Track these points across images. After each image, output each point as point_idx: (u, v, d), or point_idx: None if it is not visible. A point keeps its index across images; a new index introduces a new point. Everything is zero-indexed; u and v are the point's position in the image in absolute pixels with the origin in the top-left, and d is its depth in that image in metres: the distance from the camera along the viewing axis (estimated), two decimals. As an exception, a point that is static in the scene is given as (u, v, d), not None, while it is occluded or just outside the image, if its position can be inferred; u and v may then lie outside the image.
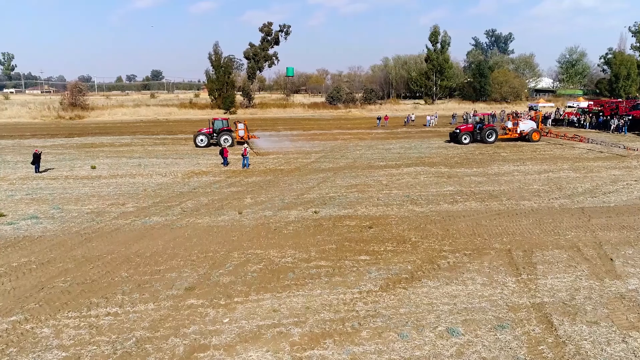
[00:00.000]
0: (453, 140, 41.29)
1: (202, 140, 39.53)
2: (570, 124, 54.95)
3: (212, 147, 38.59)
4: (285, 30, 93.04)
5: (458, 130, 41.13)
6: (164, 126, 60.94)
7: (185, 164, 31.31)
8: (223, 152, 30.10)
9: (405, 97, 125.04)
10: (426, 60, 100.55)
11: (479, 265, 13.78)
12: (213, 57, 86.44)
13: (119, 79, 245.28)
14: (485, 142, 40.37)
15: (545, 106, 78.89)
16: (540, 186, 24.03)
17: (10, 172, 28.84)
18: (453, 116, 61.29)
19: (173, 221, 18.44)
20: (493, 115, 60.95)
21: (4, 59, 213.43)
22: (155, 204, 21.08)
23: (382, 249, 15.13)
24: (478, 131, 41.01)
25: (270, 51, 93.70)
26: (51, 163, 31.87)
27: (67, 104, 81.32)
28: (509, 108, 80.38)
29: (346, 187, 24.21)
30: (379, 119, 58.95)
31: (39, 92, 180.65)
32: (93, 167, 29.84)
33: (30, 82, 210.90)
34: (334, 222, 18.04)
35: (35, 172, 27.98)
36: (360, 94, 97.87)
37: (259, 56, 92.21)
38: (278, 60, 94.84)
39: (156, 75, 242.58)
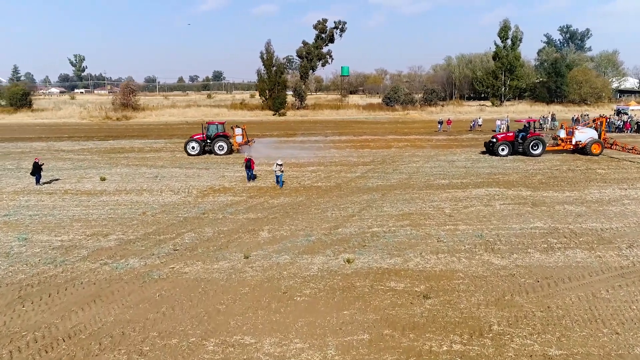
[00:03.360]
0: (488, 151, 34.16)
1: (193, 147, 34.61)
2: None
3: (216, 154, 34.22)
4: (340, 27, 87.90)
5: (494, 140, 33.90)
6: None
7: (208, 177, 26.63)
8: (250, 165, 25.08)
9: (469, 98, 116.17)
10: (494, 58, 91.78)
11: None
12: (265, 56, 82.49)
13: (180, 79, 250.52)
14: (529, 154, 32.91)
15: (634, 109, 68.34)
16: (671, 225, 17.14)
17: (10, 182, 25.36)
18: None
19: (152, 268, 13.50)
20: (576, 120, 52.60)
21: (75, 60, 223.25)
22: (145, 236, 16.31)
23: (444, 348, 9.32)
24: (520, 141, 33.57)
25: (325, 49, 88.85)
26: (62, 172, 28.28)
27: (118, 104, 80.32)
28: (591, 111, 70.63)
29: (396, 217, 18.41)
30: (440, 122, 52.22)
31: (107, 92, 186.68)
32: (102, 179, 25.81)
33: (99, 82, 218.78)
34: (372, 283, 12.36)
35: (36, 184, 24.22)
36: (420, 95, 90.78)
37: (312, 54, 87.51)
38: (332, 58, 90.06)
39: (217, 76, 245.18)
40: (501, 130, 45.65)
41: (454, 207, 19.71)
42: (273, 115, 76.35)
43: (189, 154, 34.26)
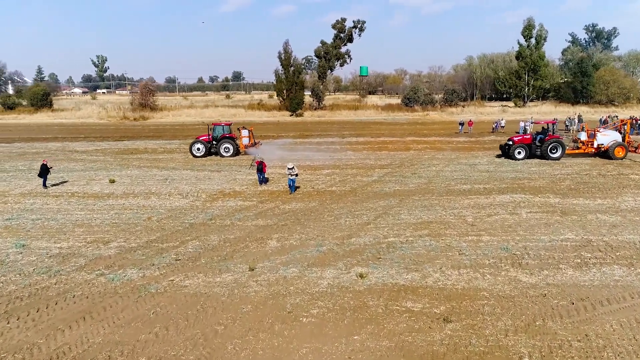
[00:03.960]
0: (504, 154, 32.50)
1: (199, 149, 33.81)
2: None
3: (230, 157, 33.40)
4: (359, 26, 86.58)
5: (510, 142, 32.21)
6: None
7: (219, 180, 25.76)
8: (262, 168, 24.12)
9: (490, 99, 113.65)
10: (517, 58, 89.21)
11: None
12: (283, 56, 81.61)
13: (200, 79, 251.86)
14: (548, 158, 31.21)
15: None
16: None
17: (19, 184, 24.89)
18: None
19: (150, 280, 12.59)
20: (605, 122, 50.36)
21: (98, 61, 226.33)
22: (148, 244, 15.45)
23: (468, 385, 8.15)
24: (538, 144, 31.84)
25: (343, 49, 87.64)
26: (73, 173, 27.77)
27: (137, 104, 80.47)
28: (619, 112, 67.95)
29: (414, 225, 17.21)
30: (461, 124, 50.57)
31: (127, 92, 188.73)
32: (112, 181, 25.16)
33: (121, 83, 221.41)
34: (386, 302, 11.22)
35: (43, 186, 23.65)
36: (440, 95, 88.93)
37: (330, 54, 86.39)
38: (350, 58, 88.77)
39: (237, 76, 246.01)
40: (526, 132, 43.80)
41: (476, 215, 18.41)
42: (290, 115, 75.48)
43: (194, 156, 33.57)
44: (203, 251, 14.82)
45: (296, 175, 22.19)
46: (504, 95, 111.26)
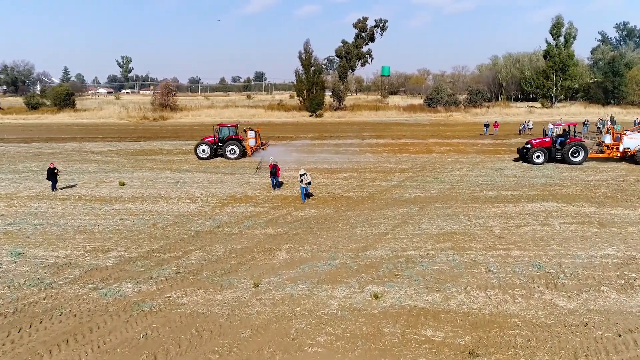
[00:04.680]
0: (522, 157, 30.67)
1: (204, 150, 32.84)
2: None
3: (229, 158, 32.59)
4: (381, 25, 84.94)
5: (529, 145, 30.35)
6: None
7: (231, 183, 24.77)
8: (275, 171, 23.00)
9: (516, 99, 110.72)
10: (545, 57, 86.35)
11: None
12: (303, 56, 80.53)
13: (222, 80, 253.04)
14: (569, 162, 29.32)
15: None
16: None
17: (28, 186, 24.33)
18: (584, 124, 48.96)
19: (145, 297, 11.56)
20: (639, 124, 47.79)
21: (123, 61, 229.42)
22: (149, 254, 14.47)
23: None
24: (558, 147, 29.92)
25: (364, 49, 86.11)
26: (84, 175, 27.17)
27: (157, 104, 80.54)
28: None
29: (436, 237, 15.84)
30: (486, 125, 48.68)
31: (150, 92, 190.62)
32: (121, 184, 24.40)
33: (145, 83, 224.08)
34: (403, 329, 9.92)
35: (52, 189, 22.98)
36: (464, 96, 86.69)
37: (351, 54, 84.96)
38: (372, 58, 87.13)
39: (259, 76, 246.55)
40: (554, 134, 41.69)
41: (504, 226, 16.93)
42: (309, 116, 74.42)
43: (199, 157, 32.70)
44: (206, 263, 13.75)
45: (308, 183, 20.47)
46: (530, 96, 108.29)
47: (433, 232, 16.38)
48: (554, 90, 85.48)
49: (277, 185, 23.37)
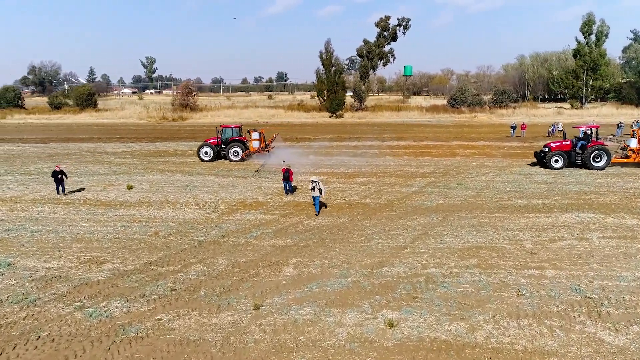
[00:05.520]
0: (539, 162, 28.74)
1: (206, 153, 31.84)
2: None
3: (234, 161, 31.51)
4: (403, 24, 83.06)
5: (547, 149, 28.36)
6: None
7: (243, 187, 23.63)
8: (288, 176, 21.76)
9: (543, 100, 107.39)
10: (575, 56, 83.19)
11: None
12: (324, 56, 79.31)
13: (244, 80, 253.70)
14: (590, 167, 27.29)
15: None
16: None
17: (35, 188, 23.67)
18: (619, 126, 46.39)
19: (134, 318, 10.40)
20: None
21: (147, 62, 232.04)
22: (146, 267, 13.36)
23: None
24: (578, 151, 27.86)
25: (386, 48, 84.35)
26: (94, 177, 26.42)
27: (177, 104, 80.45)
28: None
29: (460, 251, 14.33)
30: (513, 127, 46.58)
31: (173, 93, 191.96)
32: (129, 187, 23.51)
33: (168, 83, 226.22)
34: (422, 369, 8.52)
35: (58, 193, 22.18)
36: (489, 96, 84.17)
37: (373, 53, 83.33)
38: (394, 57, 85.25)
39: (281, 76, 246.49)
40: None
41: (536, 240, 15.30)
42: (330, 117, 73.12)
43: (202, 160, 31.72)
44: (205, 279, 12.56)
45: (320, 193, 18.26)
46: (558, 96, 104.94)
47: (457, 245, 14.87)
48: (584, 90, 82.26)
49: (290, 190, 22.13)
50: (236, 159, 31.61)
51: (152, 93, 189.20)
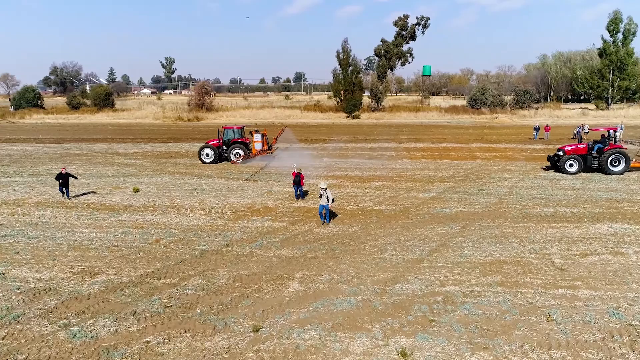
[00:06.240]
0: (553, 166, 27.22)
1: (207, 154, 31.02)
2: None
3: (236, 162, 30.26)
4: (422, 23, 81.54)
5: (561, 152, 26.78)
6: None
7: (252, 192, 22.69)
8: (299, 180, 20.73)
9: (566, 101, 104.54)
10: (600, 55, 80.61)
11: None
12: (341, 55, 78.23)
13: (262, 80, 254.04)
14: (608, 172, 25.64)
15: None
16: None
17: (41, 191, 23.13)
18: (648, 128, 44.25)
19: (120, 340, 9.47)
20: None
21: (166, 62, 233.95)
22: (141, 279, 12.47)
23: None
24: (595, 155, 26.21)
25: (405, 47, 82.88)
26: (102, 179, 25.79)
27: (193, 104, 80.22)
28: None
29: (482, 266, 13.12)
30: (536, 129, 44.84)
31: (191, 93, 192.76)
32: (135, 191, 22.76)
33: (187, 84, 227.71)
34: (439, 412, 7.38)
35: (62, 196, 21.50)
36: (510, 97, 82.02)
37: (391, 53, 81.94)
38: (412, 57, 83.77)
39: (299, 77, 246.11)
40: (617, 140, 37.54)
41: (566, 254, 13.99)
42: (346, 117, 71.96)
43: (203, 162, 30.95)
44: (203, 294, 11.59)
45: (328, 200, 16.73)
46: (582, 97, 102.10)
47: (478, 259, 13.65)
48: (610, 91, 79.58)
49: (301, 195, 21.11)
50: (238, 161, 30.81)
51: (170, 93, 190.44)
